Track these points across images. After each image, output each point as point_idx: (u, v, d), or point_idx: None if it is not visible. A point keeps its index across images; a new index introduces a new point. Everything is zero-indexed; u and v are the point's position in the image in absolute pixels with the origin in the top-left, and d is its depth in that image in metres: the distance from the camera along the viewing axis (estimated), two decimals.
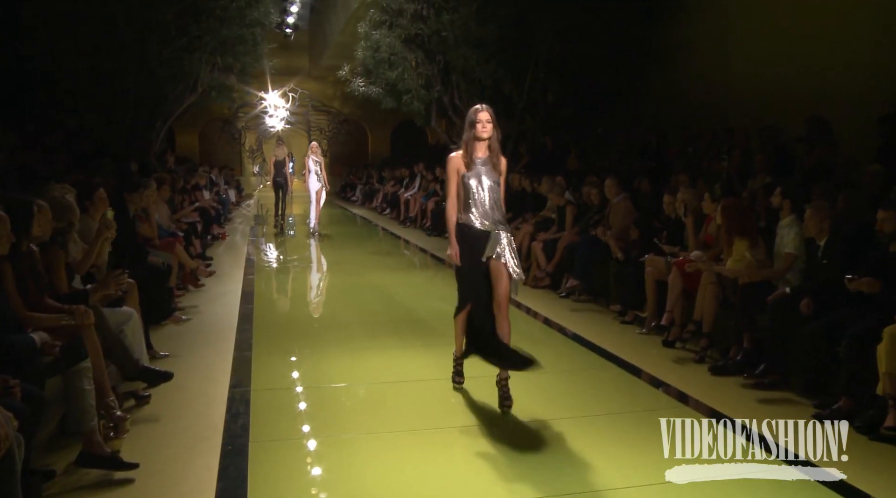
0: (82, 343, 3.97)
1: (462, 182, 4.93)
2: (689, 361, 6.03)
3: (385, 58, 13.97)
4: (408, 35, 13.29)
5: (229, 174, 22.03)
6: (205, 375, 5.64)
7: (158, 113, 14.04)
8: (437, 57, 13.32)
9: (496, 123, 4.86)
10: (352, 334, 7.09)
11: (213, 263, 10.59)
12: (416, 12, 13.02)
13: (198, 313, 7.68)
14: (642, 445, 4.35)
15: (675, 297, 6.49)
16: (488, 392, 5.33)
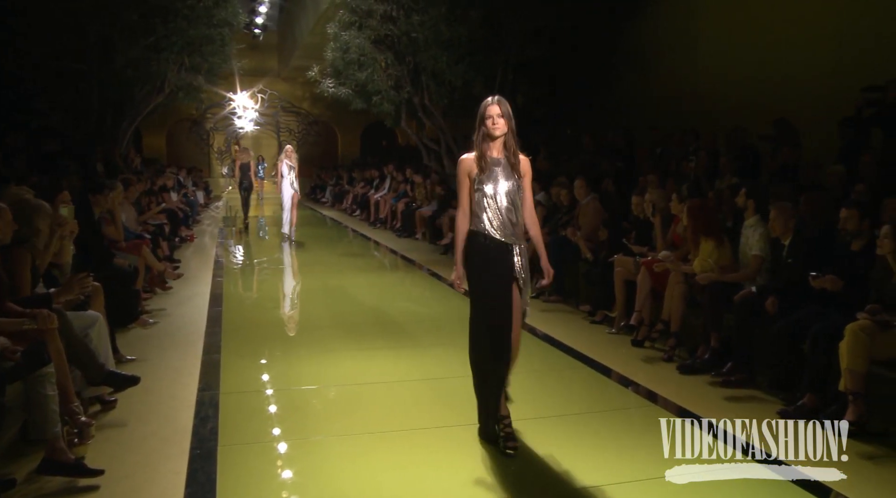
0: (45, 348, 3.88)
1: (474, 187, 4.24)
2: (657, 360, 6.07)
3: (354, 59, 13.92)
4: (377, 36, 13.23)
5: (197, 176, 21.80)
6: (173, 378, 5.57)
7: (125, 113, 13.86)
8: (407, 58, 13.29)
9: (511, 117, 4.20)
10: (322, 336, 7.04)
11: (181, 265, 10.47)
12: (386, 13, 12.97)
13: (165, 316, 7.57)
14: (612, 443, 4.38)
15: (643, 296, 6.53)
16: (459, 392, 5.31)
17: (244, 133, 27.90)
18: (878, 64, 7.93)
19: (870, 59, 8.19)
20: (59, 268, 5.25)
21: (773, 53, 9.56)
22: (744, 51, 10.06)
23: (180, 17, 13.10)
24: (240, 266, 12.07)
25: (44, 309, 4.08)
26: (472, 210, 4.25)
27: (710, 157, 8.44)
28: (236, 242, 14.70)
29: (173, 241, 11.85)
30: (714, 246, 6.00)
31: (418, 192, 15.04)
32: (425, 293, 9.49)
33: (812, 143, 8.07)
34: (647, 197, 7.18)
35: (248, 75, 21.53)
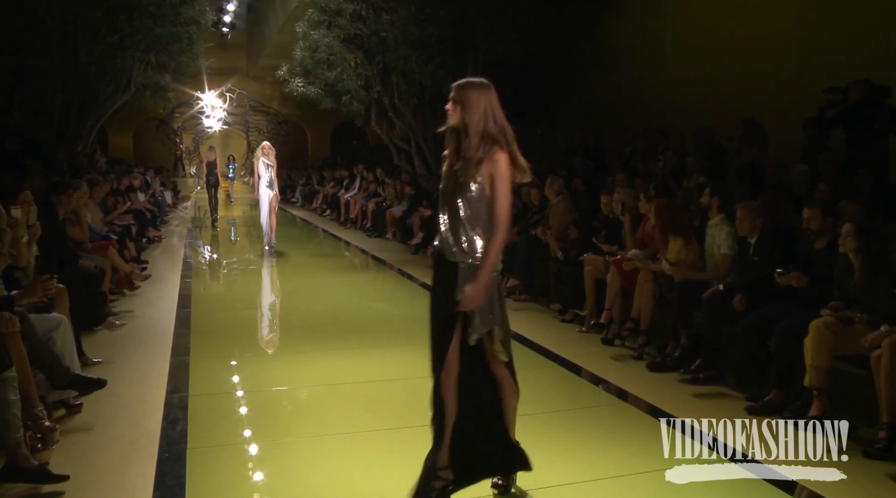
0: (6, 351, 3.80)
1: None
2: (627, 358, 6.10)
3: (324, 58, 13.83)
4: (347, 35, 13.18)
5: (165, 176, 21.53)
6: (140, 381, 5.49)
7: (89, 112, 13.61)
8: (377, 57, 13.26)
9: (470, 105, 3.34)
10: (293, 337, 6.99)
11: (148, 266, 10.34)
12: (355, 12, 12.92)
13: (133, 318, 7.47)
14: (584, 441, 4.40)
15: (613, 295, 6.56)
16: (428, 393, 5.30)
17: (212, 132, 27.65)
18: (840, 65, 8.07)
19: (833, 60, 8.32)
20: (21, 270, 5.14)
21: (738, 55, 9.69)
22: (710, 52, 10.19)
23: (146, 14, 12.91)
24: (209, 267, 11.95)
25: (4, 312, 3.99)
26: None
27: (677, 156, 8.52)
28: (205, 243, 14.54)
29: (141, 241, 11.69)
30: (682, 245, 6.05)
31: (388, 192, 15.00)
32: (396, 293, 9.47)
33: (777, 142, 8.18)
34: (616, 196, 7.22)
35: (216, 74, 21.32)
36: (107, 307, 7.25)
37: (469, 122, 3.34)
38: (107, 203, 10.52)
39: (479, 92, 3.38)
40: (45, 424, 3.98)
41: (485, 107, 3.34)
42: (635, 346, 6.21)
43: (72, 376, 4.54)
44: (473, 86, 3.40)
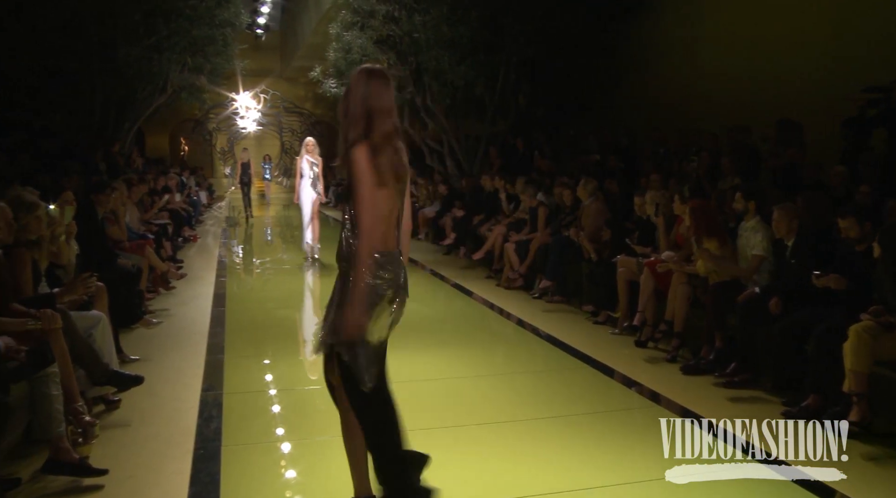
0: (49, 347, 3.89)
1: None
2: (660, 361, 6.06)
3: (357, 59, 13.88)
4: (379, 36, 13.24)
5: (200, 176, 21.81)
6: (176, 378, 5.57)
7: (127, 114, 13.85)
8: (409, 58, 13.30)
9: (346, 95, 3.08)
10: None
11: (184, 265, 10.48)
12: (388, 14, 12.97)
13: (169, 316, 7.58)
14: (616, 444, 4.37)
15: (646, 297, 6.51)
16: (463, 393, 5.32)
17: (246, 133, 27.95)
18: (880, 63, 7.92)
19: (872, 58, 8.17)
20: (62, 268, 5.25)
21: (773, 53, 9.55)
22: (744, 51, 10.05)
23: (182, 17, 13.11)
24: (243, 266, 12.08)
25: (48, 309, 4.08)
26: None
27: (711, 157, 8.43)
28: (239, 243, 14.70)
29: (176, 241, 11.86)
30: (717, 246, 5.99)
31: (420, 193, 15.03)
32: (428, 293, 9.47)
33: (813, 143, 8.05)
34: (650, 197, 7.17)
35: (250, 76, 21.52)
36: (144, 305, 7.36)
37: (340, 113, 3.06)
38: (144, 203, 10.69)
39: (357, 78, 3.04)
40: (85, 419, 4.06)
41: (360, 94, 2.99)
42: (669, 348, 6.16)
43: (110, 373, 4.63)
44: (357, 72, 3.06)
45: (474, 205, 11.83)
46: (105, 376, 4.59)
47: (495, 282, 9.43)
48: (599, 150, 11.08)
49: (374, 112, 2.95)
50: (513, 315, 7.80)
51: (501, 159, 13.28)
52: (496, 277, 9.55)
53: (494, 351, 6.75)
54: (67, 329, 4.21)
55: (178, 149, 27.59)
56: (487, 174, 12.07)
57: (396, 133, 3.01)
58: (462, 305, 8.65)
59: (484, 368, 6.01)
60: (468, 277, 9.89)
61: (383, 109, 2.97)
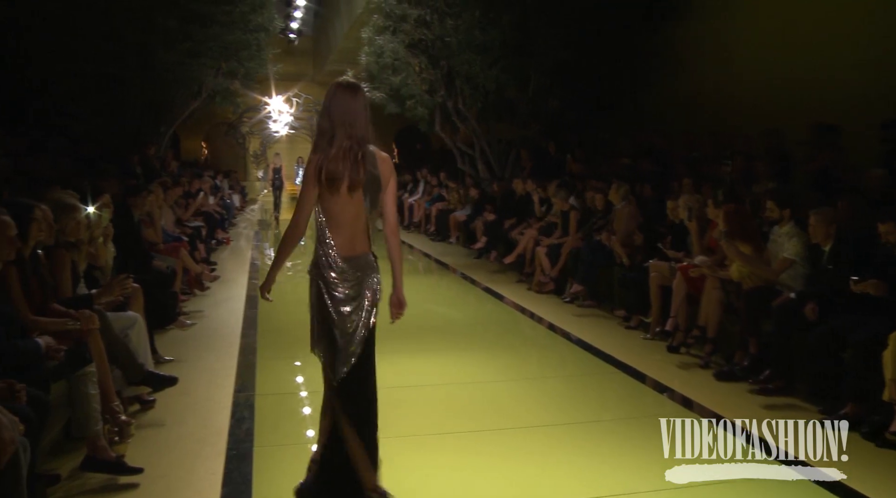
0: (87, 348, 3.97)
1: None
2: (693, 367, 6.01)
3: (389, 63, 13.99)
4: (411, 40, 13.27)
5: (233, 179, 22.04)
6: (209, 379, 5.64)
7: (163, 118, 14.05)
8: (441, 62, 13.31)
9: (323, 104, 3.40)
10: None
11: (217, 267, 10.60)
12: (420, 18, 13.00)
13: (202, 318, 7.68)
14: (647, 450, 4.31)
15: (679, 302, 6.47)
16: (494, 396, 5.31)
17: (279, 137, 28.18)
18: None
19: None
20: (100, 270, 5.35)
21: (810, 55, 9.38)
22: (779, 51, 9.87)
23: (217, 22, 13.26)
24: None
25: (86, 310, 4.17)
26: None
27: (745, 161, 8.33)
28: (272, 245, 14.83)
29: (210, 243, 12.00)
30: (751, 251, 5.93)
31: (452, 196, 15.06)
32: (459, 297, 9.50)
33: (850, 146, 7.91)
34: (683, 201, 7.11)
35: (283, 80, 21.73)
36: (178, 307, 7.42)
37: (316, 124, 3.38)
38: (179, 205, 10.84)
39: (328, 91, 3.33)
40: (121, 418, 4.14)
41: (326, 106, 3.29)
42: (702, 354, 6.11)
43: (146, 373, 4.71)
44: (330, 86, 3.36)
45: (506, 208, 11.82)
46: (140, 376, 4.68)
47: (526, 286, 9.42)
48: (631, 154, 11.01)
49: (337, 124, 3.22)
50: (544, 319, 7.79)
51: (533, 163, 13.23)
52: (527, 281, 9.54)
53: (526, 355, 6.74)
54: (104, 330, 4.30)
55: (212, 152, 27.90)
56: (519, 178, 12.06)
57: (359, 142, 3.23)
58: (493, 308, 8.64)
59: (515, 373, 6.00)
60: (499, 281, 9.88)
61: (346, 121, 3.22)
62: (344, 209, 3.27)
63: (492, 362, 6.24)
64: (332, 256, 3.35)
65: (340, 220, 3.30)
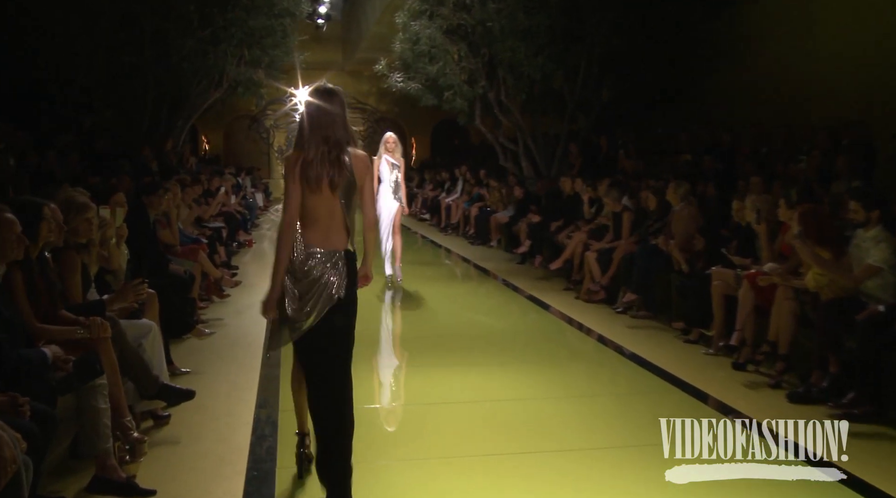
0: (98, 358, 3.98)
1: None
2: (763, 387, 5.89)
3: (425, 51, 13.97)
4: (450, 26, 13.27)
5: (256, 177, 22.23)
6: (229, 393, 5.66)
7: (180, 110, 14.21)
8: (482, 50, 13.29)
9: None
10: (388, 351, 7.09)
11: (239, 272, 10.67)
12: (459, 1, 13.01)
13: (222, 327, 7.72)
14: None
15: (746, 313, 6.36)
16: (539, 416, 5.26)
17: None
18: None
19: None
20: (112, 273, 5.39)
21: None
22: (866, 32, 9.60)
23: (239, 7, 13.39)
24: None
25: (97, 317, 4.19)
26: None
27: (823, 156, 8.16)
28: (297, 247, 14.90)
29: (231, 246, 12.08)
30: (830, 258, 5.78)
31: (493, 196, 15.01)
32: (501, 306, 9.45)
33: None
34: (750, 202, 6.97)
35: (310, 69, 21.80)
36: (196, 314, 7.49)
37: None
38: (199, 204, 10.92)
39: (308, 95, 3.89)
40: (133, 435, 4.15)
41: (305, 111, 3.83)
42: (772, 372, 5.98)
43: (161, 386, 4.71)
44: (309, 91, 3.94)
45: (552, 209, 11.76)
46: (155, 390, 4.68)
47: (574, 294, 9.37)
48: (692, 150, 10.87)
49: (314, 127, 3.73)
50: (593, 331, 7.74)
51: (582, 159, 13.14)
52: (575, 290, 9.49)
53: (573, 371, 6.68)
54: (117, 339, 4.32)
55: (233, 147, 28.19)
56: (567, 176, 11.98)
57: (337, 144, 3.73)
58: (537, 319, 8.60)
59: (561, 390, 5.96)
60: (544, 289, 9.83)
61: (323, 124, 3.73)
62: (318, 205, 3.75)
63: (536, 378, 6.20)
64: (299, 248, 3.79)
65: (316, 216, 3.77)
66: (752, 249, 6.97)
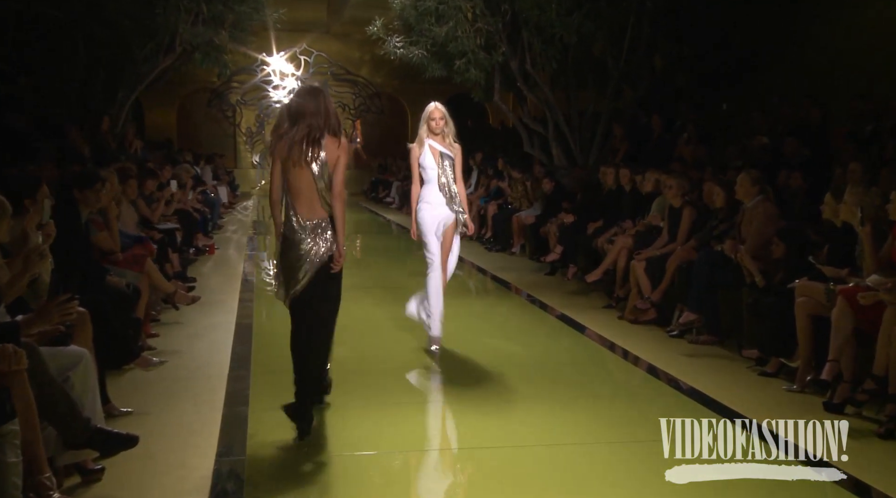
0: (9, 396, 3.91)
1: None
2: (866, 434, 5.81)
3: (431, 8, 13.93)
4: None
5: (220, 166, 22.26)
6: (183, 439, 5.65)
7: (120, 80, 14.15)
8: (503, 7, 13.27)
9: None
10: (384, 385, 7.07)
11: (196, 285, 10.64)
12: None
13: (176, 355, 7.69)
14: None
15: (842, 340, 6.28)
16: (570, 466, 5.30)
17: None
18: None
19: None
20: (31, 287, 5.30)
21: None
22: None
23: None
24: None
25: (8, 344, 4.09)
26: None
27: None
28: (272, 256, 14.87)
29: (187, 252, 12.06)
30: None
31: (516, 191, 14.98)
32: (524, 327, 9.43)
33: None
34: (850, 196, 6.92)
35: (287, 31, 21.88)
36: (142, 339, 7.46)
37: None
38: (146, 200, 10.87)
39: (294, 93, 6.02)
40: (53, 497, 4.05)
41: (289, 103, 5.89)
42: (881, 418, 5.92)
43: (93, 431, 4.64)
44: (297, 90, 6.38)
45: (589, 207, 11.81)
46: (84, 436, 4.60)
47: (617, 313, 9.41)
48: (769, 130, 10.79)
49: (299, 115, 5.62)
50: (642, 360, 7.77)
51: (629, 144, 13.08)
52: (619, 308, 9.54)
53: (616, 410, 6.66)
54: (35, 371, 4.24)
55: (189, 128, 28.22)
56: (609, 165, 11.91)
57: (319, 129, 5.58)
58: (571, 344, 8.64)
59: (600, 434, 5.96)
60: (580, 307, 9.89)
61: (307, 113, 5.60)
62: (298, 178, 5.64)
63: (568, 418, 6.22)
64: (290, 218, 5.71)
65: (298, 188, 5.66)
66: (851, 257, 6.92)
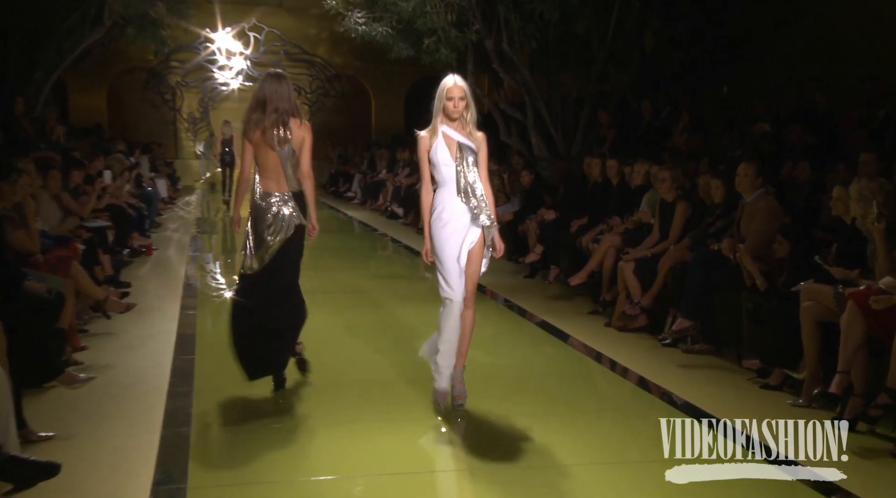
0: None
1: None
2: (881, 454, 5.88)
3: None
4: None
5: (158, 155, 22.10)
6: (114, 465, 5.60)
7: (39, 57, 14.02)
8: None
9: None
10: (346, 401, 7.08)
11: (131, 290, 10.60)
12: None
13: (106, 369, 7.63)
14: None
15: (853, 349, 6.33)
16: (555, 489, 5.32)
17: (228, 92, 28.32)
18: None
19: None
20: None
21: None
22: None
23: None
24: (223, 292, 12.09)
25: None
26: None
27: None
28: (218, 257, 14.82)
29: (120, 254, 12.00)
30: None
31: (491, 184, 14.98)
32: (502, 336, 9.47)
33: None
34: (859, 189, 6.95)
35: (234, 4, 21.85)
36: (66, 353, 7.41)
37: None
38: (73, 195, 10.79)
39: (261, 79, 7.18)
40: None
41: (258, 89, 7.07)
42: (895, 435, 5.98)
43: (5, 459, 4.63)
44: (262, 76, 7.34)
45: (573, 203, 11.85)
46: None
47: (604, 320, 9.48)
48: (772, 118, 10.88)
49: (268, 100, 6.81)
50: (631, 371, 7.83)
51: (616, 131, 13.13)
52: (605, 313, 9.61)
53: (603, 426, 6.74)
54: None
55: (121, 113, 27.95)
56: (594, 155, 11.95)
57: (285, 113, 6.81)
58: (553, 354, 8.68)
59: (586, 454, 5.99)
60: (562, 313, 9.96)
61: (274, 98, 6.81)
62: (267, 158, 6.86)
63: (550, 438, 6.22)
64: (259, 192, 6.92)
65: (267, 167, 6.89)
66: (862, 258, 6.97)
